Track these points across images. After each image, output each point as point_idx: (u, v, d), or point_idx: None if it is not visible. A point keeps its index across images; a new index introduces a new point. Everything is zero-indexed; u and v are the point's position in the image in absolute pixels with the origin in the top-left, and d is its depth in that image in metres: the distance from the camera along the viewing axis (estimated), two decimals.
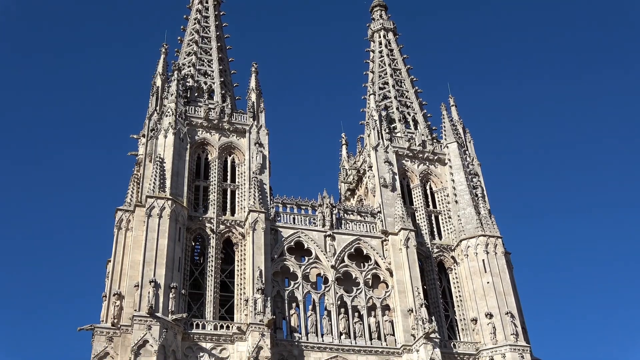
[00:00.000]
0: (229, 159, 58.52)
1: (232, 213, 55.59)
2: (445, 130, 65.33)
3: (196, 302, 51.29)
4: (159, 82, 59.70)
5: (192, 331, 47.74)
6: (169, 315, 46.51)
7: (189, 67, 63.63)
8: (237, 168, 58.10)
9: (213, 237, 53.20)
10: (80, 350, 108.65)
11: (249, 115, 59.96)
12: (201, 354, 47.33)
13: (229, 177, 57.67)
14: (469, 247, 57.68)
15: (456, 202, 60.88)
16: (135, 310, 46.01)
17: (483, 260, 56.58)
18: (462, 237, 58.37)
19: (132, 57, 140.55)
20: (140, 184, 53.84)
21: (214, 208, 54.72)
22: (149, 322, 45.32)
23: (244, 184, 56.48)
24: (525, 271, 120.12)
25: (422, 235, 59.20)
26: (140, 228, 50.36)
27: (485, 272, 55.97)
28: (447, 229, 60.77)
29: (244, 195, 55.74)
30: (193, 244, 55.13)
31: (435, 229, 61.09)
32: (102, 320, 47.98)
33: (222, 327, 48.74)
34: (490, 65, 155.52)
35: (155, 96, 58.94)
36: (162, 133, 55.07)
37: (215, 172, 56.95)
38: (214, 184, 56.24)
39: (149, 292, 46.51)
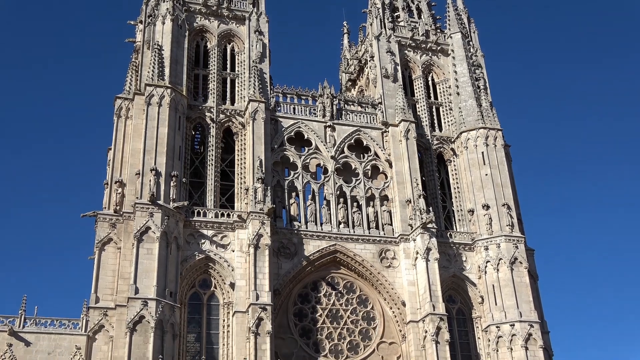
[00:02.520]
0: (229, 47, 57.50)
1: (232, 102, 55.25)
2: (449, 20, 63.85)
3: (197, 191, 51.91)
4: None
5: (194, 219, 48.58)
6: (170, 202, 47.19)
7: None
8: (236, 56, 57.21)
9: (213, 127, 53.14)
10: (84, 237, 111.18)
11: (249, 1, 58.40)
12: (202, 240, 48.39)
13: (228, 66, 56.89)
14: (468, 139, 57.77)
15: (458, 94, 60.40)
16: (137, 197, 46.64)
17: (482, 152, 56.83)
18: (463, 129, 58.34)
19: None
20: (139, 72, 53.16)
21: (213, 97, 54.33)
22: (150, 210, 46.06)
23: (244, 72, 55.79)
24: (524, 164, 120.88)
25: (423, 127, 59.13)
26: (140, 116, 50.19)
27: (484, 164, 56.36)
28: (448, 121, 60.64)
29: (244, 84, 55.20)
30: (193, 133, 55.15)
31: (435, 121, 60.96)
32: (105, 207, 48.70)
33: (222, 215, 49.57)
34: None
35: None
36: (159, 19, 53.82)
37: (214, 61, 56.12)
38: (214, 73, 55.55)
39: (150, 180, 47.01)
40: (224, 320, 47.24)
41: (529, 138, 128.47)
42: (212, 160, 52.09)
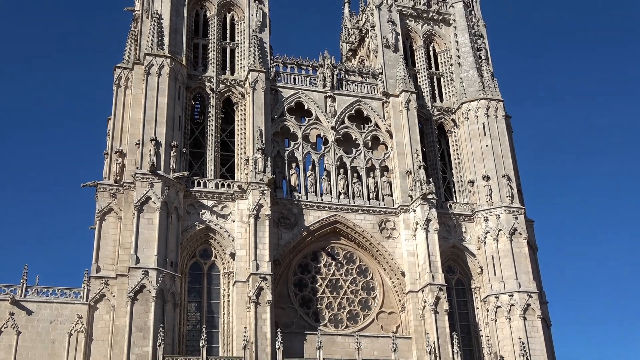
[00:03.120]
0: (228, 16, 56.99)
1: (232, 72, 54.90)
2: None
3: (197, 161, 51.85)
4: None
5: (194, 189, 48.62)
6: (171, 173, 47.19)
7: None
8: (236, 26, 56.73)
9: (213, 97, 52.90)
10: (85, 207, 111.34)
11: None
12: (203, 211, 48.47)
13: (228, 35, 56.44)
14: (469, 110, 57.57)
15: (459, 64, 60.05)
16: (137, 168, 46.63)
17: (483, 123, 56.68)
18: (464, 100, 58.09)
19: None
20: (138, 41, 52.77)
21: (213, 67, 54.00)
22: (151, 180, 46.08)
23: (244, 42, 55.38)
24: (525, 135, 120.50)
25: (423, 97, 58.88)
26: (140, 86, 49.93)
27: (485, 135, 56.23)
28: (449, 92, 60.36)
29: (244, 54, 54.82)
30: (193, 103, 54.91)
31: (436, 92, 60.68)
32: (105, 178, 48.70)
33: (223, 185, 49.58)
34: None
35: None
36: None
37: (214, 30, 55.66)
38: (213, 42, 55.14)
39: (150, 150, 46.95)
40: (224, 290, 47.53)
41: (530, 109, 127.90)
42: (212, 130, 51.96)
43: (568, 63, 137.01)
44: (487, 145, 55.79)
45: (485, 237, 52.93)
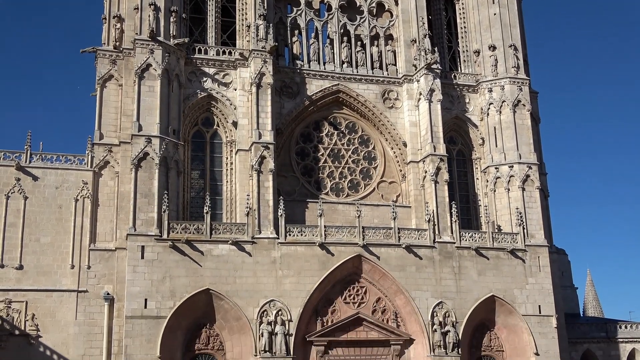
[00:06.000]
0: None
1: None
2: None
3: (197, 27, 50.63)
4: None
5: (195, 56, 47.80)
6: (171, 39, 46.21)
7: None
8: None
9: None
10: (86, 74, 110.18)
11: None
12: (204, 78, 47.92)
13: None
14: None
15: None
16: (137, 33, 45.61)
17: None
18: None
19: None
20: None
21: None
22: (151, 46, 45.22)
23: None
24: (534, 4, 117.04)
25: None
26: None
27: (493, 3, 54.54)
28: None
29: None
30: None
31: None
32: (104, 43, 47.73)
33: (224, 52, 48.70)
34: None
35: None
36: None
37: None
38: None
39: (149, 16, 45.72)
40: (227, 158, 47.92)
41: None
42: None
43: None
44: (494, 14, 54.25)
45: (489, 109, 52.65)
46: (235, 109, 47.63)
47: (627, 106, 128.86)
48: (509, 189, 50.78)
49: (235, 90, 48.14)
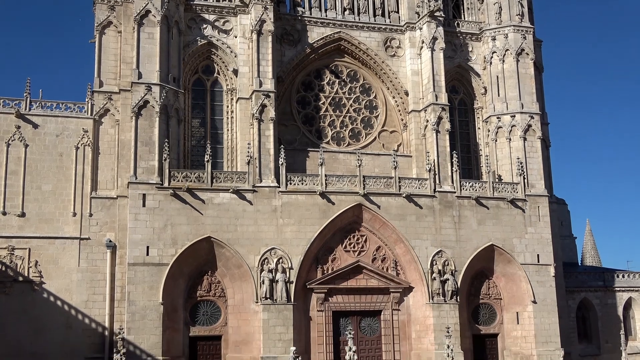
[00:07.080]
0: None
1: None
2: None
3: None
4: None
5: (194, 2, 47.13)
6: None
7: None
8: None
9: None
10: (84, 22, 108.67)
11: None
12: (204, 25, 47.35)
13: None
14: None
15: None
16: None
17: None
18: None
19: None
20: None
21: None
22: None
23: None
24: None
25: None
26: None
27: None
28: None
29: None
30: None
31: None
32: None
33: None
34: None
35: None
36: None
37: None
38: None
39: None
40: (227, 107, 47.70)
41: None
42: None
43: None
44: None
45: (492, 57, 52.11)
46: (235, 56, 47.18)
47: (633, 59, 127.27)
48: (510, 139, 50.66)
49: (236, 37, 47.60)
